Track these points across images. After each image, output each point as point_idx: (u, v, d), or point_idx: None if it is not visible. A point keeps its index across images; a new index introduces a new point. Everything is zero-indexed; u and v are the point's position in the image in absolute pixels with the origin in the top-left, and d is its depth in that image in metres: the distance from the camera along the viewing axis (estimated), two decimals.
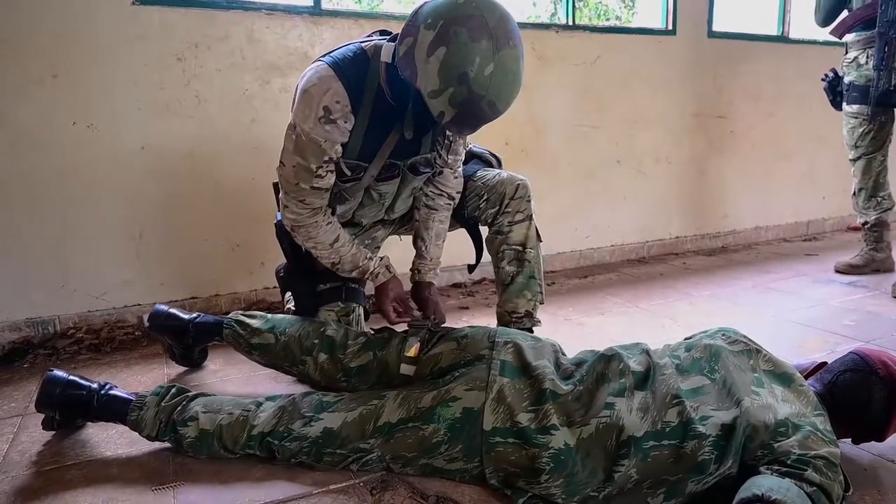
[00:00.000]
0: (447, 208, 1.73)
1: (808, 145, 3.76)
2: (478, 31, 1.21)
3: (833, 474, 1.05)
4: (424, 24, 1.25)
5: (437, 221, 1.72)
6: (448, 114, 1.27)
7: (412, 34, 1.27)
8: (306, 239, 1.54)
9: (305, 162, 1.42)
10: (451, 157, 1.66)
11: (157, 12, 2.10)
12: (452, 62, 1.21)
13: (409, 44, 1.28)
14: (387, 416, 1.25)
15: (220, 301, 2.34)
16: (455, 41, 1.21)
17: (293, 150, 1.43)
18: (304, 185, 1.45)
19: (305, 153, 1.42)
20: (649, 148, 3.22)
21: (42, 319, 2.10)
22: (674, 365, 1.26)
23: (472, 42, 1.21)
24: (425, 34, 1.24)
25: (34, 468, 1.33)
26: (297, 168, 1.44)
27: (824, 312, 2.33)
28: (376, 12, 2.58)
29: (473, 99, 1.24)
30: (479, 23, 1.21)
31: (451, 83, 1.23)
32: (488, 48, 1.21)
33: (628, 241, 3.26)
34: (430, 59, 1.23)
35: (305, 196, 1.47)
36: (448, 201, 1.72)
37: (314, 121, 1.39)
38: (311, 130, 1.39)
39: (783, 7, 3.58)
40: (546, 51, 2.83)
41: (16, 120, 1.98)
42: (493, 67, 1.22)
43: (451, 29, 1.21)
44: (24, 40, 1.95)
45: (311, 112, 1.38)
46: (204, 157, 2.24)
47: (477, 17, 1.22)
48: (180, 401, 1.35)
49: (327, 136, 1.40)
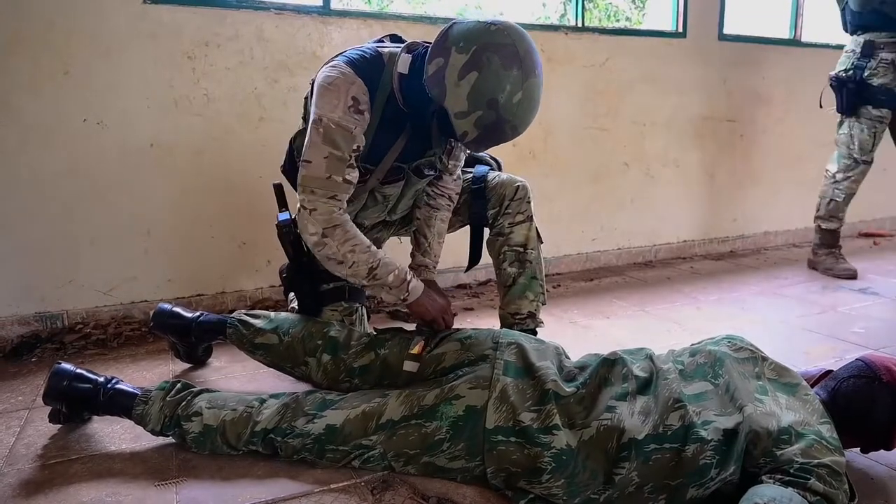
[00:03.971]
0: (448, 208, 1.74)
1: (818, 150, 3.71)
2: (510, 59, 1.27)
3: (837, 483, 1.04)
4: (456, 46, 1.29)
5: (439, 220, 1.73)
6: (471, 134, 1.33)
7: (443, 55, 1.31)
8: (343, 241, 1.41)
9: (338, 150, 1.39)
10: (452, 161, 1.67)
11: (167, 11, 2.11)
12: (484, 88, 1.27)
13: (439, 64, 1.31)
14: (390, 414, 1.25)
15: (226, 298, 2.35)
16: (487, 68, 1.27)
17: (322, 141, 1.39)
18: (336, 177, 1.40)
19: (336, 141, 1.39)
20: (658, 151, 3.20)
21: (50, 314, 2.11)
22: (677, 370, 1.26)
23: (503, 70, 1.27)
24: (457, 57, 1.29)
25: (39, 461, 1.34)
26: (329, 159, 1.39)
27: (833, 319, 2.31)
28: (386, 13, 2.58)
29: (499, 123, 1.31)
30: (511, 52, 1.28)
31: (479, 107, 1.29)
32: (518, 77, 1.28)
33: (635, 245, 3.25)
34: (461, 83, 1.28)
35: (337, 191, 1.41)
36: (448, 202, 1.73)
37: (343, 109, 1.38)
38: (341, 119, 1.38)
39: (795, 10, 3.55)
40: (555, 52, 2.82)
41: (27, 116, 1.99)
42: (521, 95, 1.29)
43: (483, 55, 1.27)
44: (37, 37, 1.97)
45: (340, 102, 1.38)
46: (212, 154, 2.25)
47: (509, 45, 1.28)
48: (185, 396, 1.36)
49: (357, 123, 1.40)
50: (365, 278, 1.44)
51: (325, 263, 1.46)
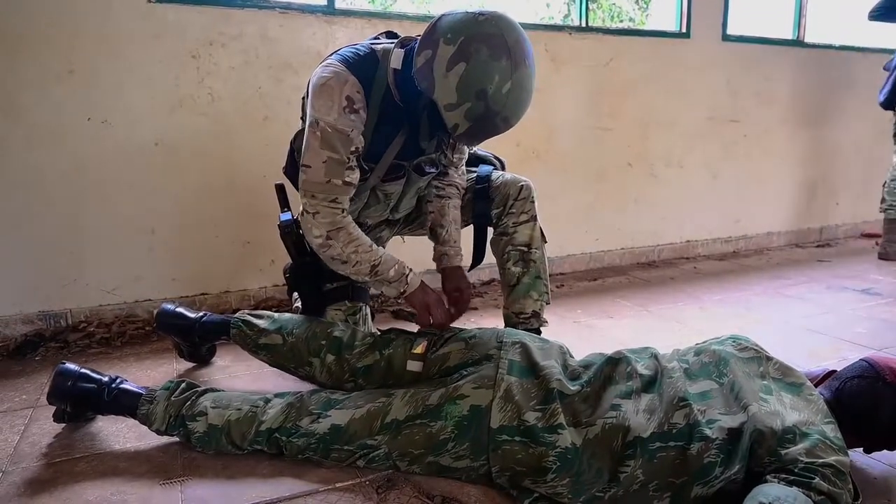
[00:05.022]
0: (458, 196, 1.74)
1: (822, 151, 3.72)
2: (498, 49, 1.25)
3: (842, 483, 1.04)
4: (444, 38, 1.27)
5: (452, 207, 1.72)
6: (462, 126, 1.31)
7: (430, 47, 1.30)
8: (346, 243, 1.44)
9: (337, 154, 1.39)
10: (457, 155, 1.67)
11: (172, 10, 2.12)
12: (472, 78, 1.26)
13: (427, 56, 1.30)
14: (394, 413, 1.25)
15: (230, 298, 2.35)
16: (475, 58, 1.25)
17: (320, 146, 1.39)
18: (336, 181, 1.41)
19: (335, 145, 1.39)
20: (661, 151, 3.20)
21: (54, 313, 2.12)
22: (682, 369, 1.26)
23: (492, 60, 1.25)
24: (445, 49, 1.27)
25: (44, 460, 1.34)
26: (328, 163, 1.40)
27: (836, 319, 2.31)
28: (389, 12, 2.58)
29: (489, 115, 1.29)
30: (499, 42, 1.26)
31: (468, 98, 1.27)
32: (507, 67, 1.26)
33: (639, 245, 3.25)
34: (449, 74, 1.27)
35: (338, 194, 1.42)
36: (457, 190, 1.73)
37: (339, 111, 1.38)
38: (337, 121, 1.38)
39: (799, 11, 3.55)
40: (559, 52, 2.82)
41: (32, 115, 2.00)
42: (511, 86, 1.27)
43: (471, 46, 1.25)
44: (42, 36, 1.98)
45: (335, 103, 1.38)
46: (217, 154, 2.25)
47: (497, 35, 1.26)
48: (190, 396, 1.36)
49: (353, 124, 1.40)
50: (368, 275, 1.48)
51: (329, 263, 1.49)
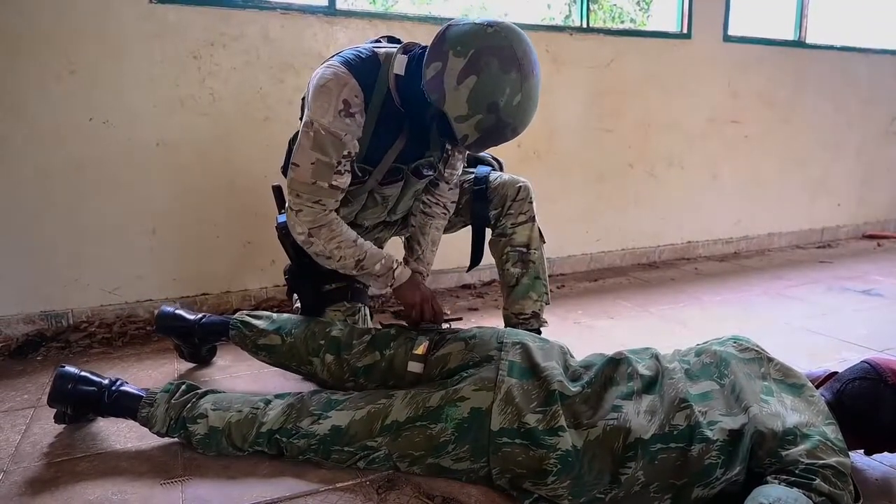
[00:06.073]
0: (443, 217, 1.75)
1: (823, 152, 3.72)
2: (508, 62, 1.26)
3: (842, 484, 1.04)
4: (454, 50, 1.28)
5: (434, 228, 1.75)
6: (472, 137, 1.33)
7: (440, 59, 1.30)
8: (328, 240, 1.47)
9: (326, 157, 1.41)
10: (448, 171, 1.68)
11: (173, 10, 2.12)
12: (483, 91, 1.27)
13: (437, 68, 1.30)
14: (395, 415, 1.25)
15: (230, 298, 2.35)
16: (486, 71, 1.26)
17: (311, 146, 1.41)
18: (321, 183, 1.43)
19: (325, 148, 1.40)
20: (662, 152, 3.20)
21: (55, 313, 2.12)
22: (683, 369, 1.26)
23: (502, 73, 1.26)
24: (455, 61, 1.28)
25: (45, 459, 1.34)
26: (315, 165, 1.41)
27: (837, 321, 2.31)
28: (391, 13, 2.58)
29: (500, 126, 1.31)
30: (509, 54, 1.27)
31: (479, 111, 1.28)
32: (517, 79, 1.27)
33: (639, 245, 3.24)
34: (460, 87, 1.28)
35: (322, 196, 1.44)
36: (444, 210, 1.74)
37: (334, 114, 1.39)
38: (331, 124, 1.39)
39: (800, 11, 3.55)
40: (560, 53, 2.82)
41: (33, 115, 2.00)
42: (521, 98, 1.29)
43: (481, 59, 1.26)
44: (43, 36, 1.98)
45: (331, 106, 1.39)
46: (218, 154, 2.25)
47: (506, 48, 1.27)
48: (190, 398, 1.36)
49: (347, 129, 1.41)
50: (353, 269, 1.53)
51: (315, 259, 1.54)
